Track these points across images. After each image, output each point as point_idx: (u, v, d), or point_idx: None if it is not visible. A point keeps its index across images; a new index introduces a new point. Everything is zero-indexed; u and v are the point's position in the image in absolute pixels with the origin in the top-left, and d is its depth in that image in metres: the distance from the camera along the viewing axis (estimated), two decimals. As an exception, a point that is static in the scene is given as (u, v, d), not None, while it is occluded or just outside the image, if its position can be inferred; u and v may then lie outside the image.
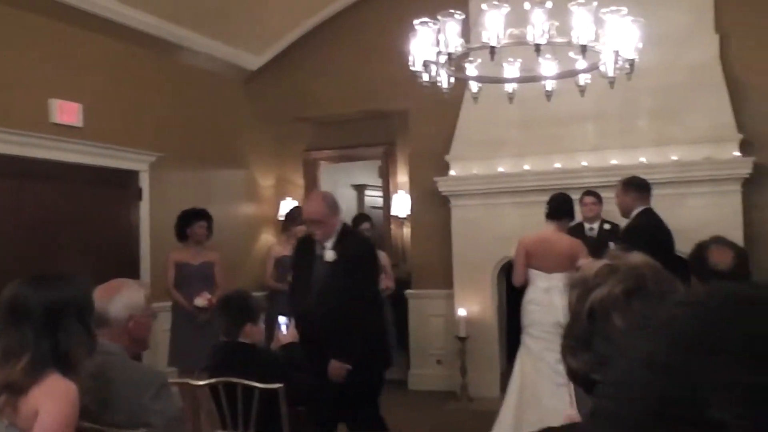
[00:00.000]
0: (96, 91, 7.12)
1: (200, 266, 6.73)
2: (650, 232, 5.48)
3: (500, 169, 7.90)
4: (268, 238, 9.33)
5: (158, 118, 7.83)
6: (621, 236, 6.05)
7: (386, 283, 7.14)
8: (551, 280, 5.66)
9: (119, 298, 2.87)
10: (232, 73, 8.99)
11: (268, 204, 9.55)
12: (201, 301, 6.42)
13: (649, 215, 5.75)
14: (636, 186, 5.83)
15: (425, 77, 4.75)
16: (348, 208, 9.44)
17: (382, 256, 7.39)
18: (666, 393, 0.61)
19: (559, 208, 5.90)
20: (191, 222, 6.82)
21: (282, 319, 4.00)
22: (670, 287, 1.56)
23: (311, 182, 9.56)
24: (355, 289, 4.42)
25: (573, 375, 1.61)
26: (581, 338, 1.58)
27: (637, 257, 1.65)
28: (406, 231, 9.16)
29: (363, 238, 5.20)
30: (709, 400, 0.58)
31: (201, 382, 3.75)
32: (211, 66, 8.62)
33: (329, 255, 4.48)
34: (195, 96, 8.41)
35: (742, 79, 7.36)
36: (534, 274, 5.81)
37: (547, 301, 5.60)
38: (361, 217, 7.73)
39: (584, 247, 5.67)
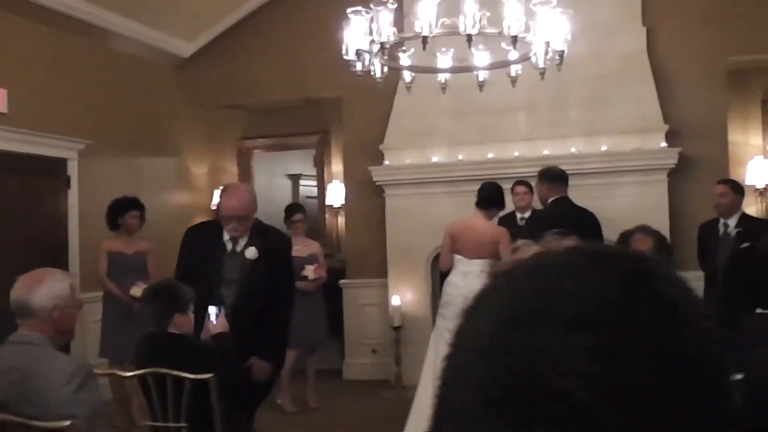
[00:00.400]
0: (22, 76, 6.94)
1: (133, 256, 6.62)
2: (554, 221, 5.46)
3: (434, 159, 7.96)
4: (201, 228, 9.20)
5: (88, 105, 7.66)
6: (524, 226, 6.16)
7: (318, 272, 7.12)
8: (471, 266, 5.77)
9: (43, 288, 2.81)
10: (163, 59, 8.85)
11: (201, 192, 9.44)
12: (137, 290, 6.31)
13: (559, 204, 5.79)
14: (548, 176, 5.90)
15: (358, 66, 4.74)
16: (283, 198, 9.39)
17: (315, 246, 7.38)
18: (503, 376, 0.58)
19: (488, 197, 5.95)
20: (123, 211, 6.70)
21: (212, 309, 3.95)
22: None
23: (245, 171, 9.48)
24: (280, 288, 4.36)
25: None
26: None
27: (568, 243, 1.65)
28: (341, 220, 9.13)
29: (281, 233, 5.07)
30: (548, 373, 0.56)
31: (129, 374, 3.69)
32: (142, 52, 8.47)
33: (251, 252, 4.34)
34: (126, 82, 8.25)
35: (668, 71, 7.54)
36: (456, 258, 5.90)
37: (464, 284, 5.66)
38: (294, 207, 7.62)
39: (508, 237, 5.71)
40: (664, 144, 7.38)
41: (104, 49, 7.98)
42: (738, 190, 6.39)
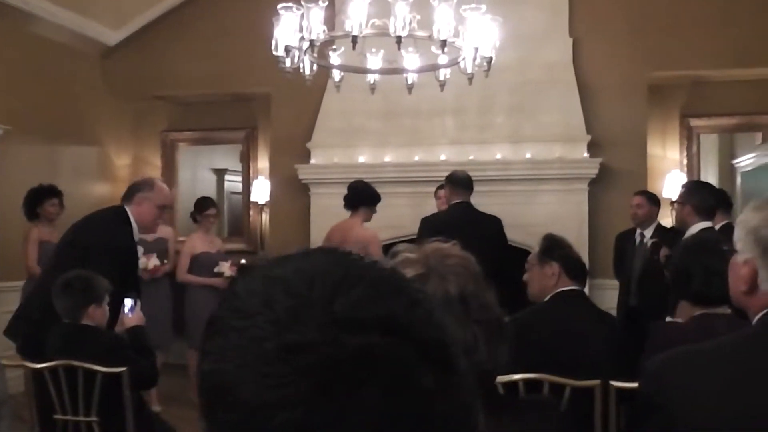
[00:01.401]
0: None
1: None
2: (446, 224, 5.49)
3: (361, 159, 7.95)
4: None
5: (6, 90, 7.42)
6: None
7: (163, 269, 6.90)
8: None
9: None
10: (88, 47, 8.63)
11: (124, 184, 9.19)
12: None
13: (456, 208, 5.83)
14: (451, 181, 5.97)
15: (287, 63, 4.71)
16: (207, 192, 9.26)
17: (168, 231, 7.12)
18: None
19: (352, 197, 5.98)
20: (42, 200, 6.55)
21: (128, 302, 3.87)
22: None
23: (169, 164, 9.32)
24: None
25: None
26: None
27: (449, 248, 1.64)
28: (265, 217, 9.04)
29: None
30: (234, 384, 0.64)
31: (39, 365, 3.59)
32: (65, 38, 8.24)
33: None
34: (47, 68, 8.01)
35: (592, 83, 7.71)
36: None
37: None
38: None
39: (377, 242, 5.81)
40: (586, 154, 7.53)
41: (26, 33, 7.73)
42: (654, 201, 6.56)
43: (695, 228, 4.87)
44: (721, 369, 1.64)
